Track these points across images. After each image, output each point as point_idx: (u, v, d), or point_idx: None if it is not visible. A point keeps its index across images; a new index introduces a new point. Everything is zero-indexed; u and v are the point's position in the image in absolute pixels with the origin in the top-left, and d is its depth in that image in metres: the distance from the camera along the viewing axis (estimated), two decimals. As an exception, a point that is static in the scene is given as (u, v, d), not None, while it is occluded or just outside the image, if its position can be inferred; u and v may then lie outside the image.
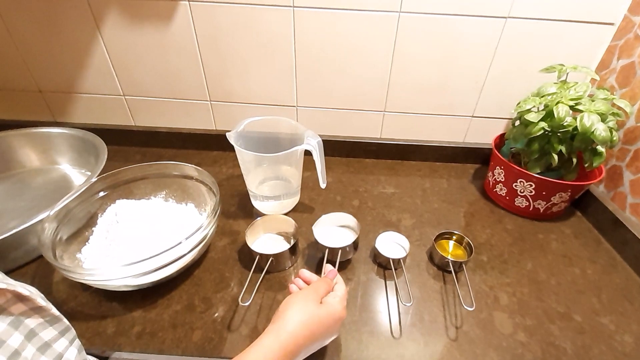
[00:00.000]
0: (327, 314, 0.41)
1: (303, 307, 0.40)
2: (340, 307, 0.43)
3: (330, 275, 0.47)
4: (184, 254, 0.52)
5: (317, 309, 0.40)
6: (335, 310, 0.42)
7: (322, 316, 0.40)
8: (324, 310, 0.41)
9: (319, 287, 0.44)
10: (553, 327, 0.52)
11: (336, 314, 0.42)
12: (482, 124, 0.85)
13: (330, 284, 0.46)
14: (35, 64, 0.81)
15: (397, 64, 0.76)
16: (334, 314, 0.41)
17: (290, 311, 0.40)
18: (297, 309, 0.40)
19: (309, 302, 0.41)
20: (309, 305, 0.40)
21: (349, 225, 0.63)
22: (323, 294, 0.43)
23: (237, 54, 0.76)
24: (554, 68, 0.67)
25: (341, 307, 0.43)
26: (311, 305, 0.40)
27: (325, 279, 0.46)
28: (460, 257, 0.61)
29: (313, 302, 0.41)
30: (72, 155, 0.78)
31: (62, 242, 0.54)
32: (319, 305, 0.41)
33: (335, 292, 0.45)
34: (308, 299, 0.41)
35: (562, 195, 0.67)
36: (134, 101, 0.86)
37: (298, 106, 0.84)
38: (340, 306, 0.43)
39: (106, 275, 0.46)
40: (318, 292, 0.43)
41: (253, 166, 0.66)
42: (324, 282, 0.45)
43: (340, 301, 0.43)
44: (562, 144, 0.63)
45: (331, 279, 0.47)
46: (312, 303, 0.41)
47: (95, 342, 0.48)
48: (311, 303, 0.41)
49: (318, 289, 0.43)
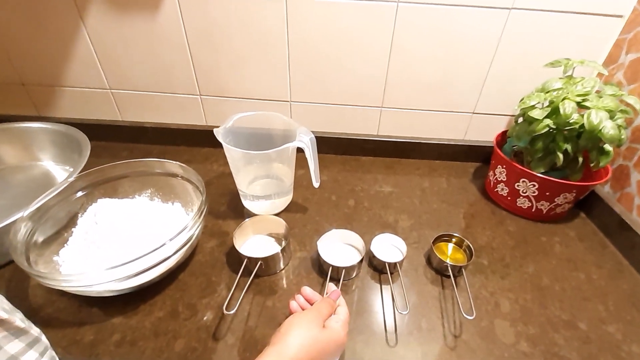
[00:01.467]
0: (329, 340, 0.38)
1: (306, 331, 0.38)
2: (343, 333, 0.40)
3: (333, 296, 0.44)
4: (168, 257, 0.49)
5: (320, 334, 0.38)
6: (339, 337, 0.39)
7: (324, 342, 0.38)
8: (327, 335, 0.39)
9: (322, 309, 0.41)
10: (557, 337, 0.49)
11: (339, 340, 0.39)
12: (483, 121, 0.81)
13: (333, 306, 0.43)
14: (18, 55, 0.77)
15: (395, 57, 0.72)
16: (337, 340, 0.39)
17: (292, 334, 0.37)
18: (300, 332, 0.37)
19: (312, 325, 0.38)
20: (312, 329, 0.38)
21: (354, 244, 0.60)
22: (326, 316, 0.41)
23: (228, 46, 0.73)
24: (559, 62, 0.64)
25: (344, 332, 0.41)
26: (314, 329, 0.38)
27: (329, 300, 0.43)
28: (459, 260, 0.58)
29: (316, 325, 0.39)
30: (55, 151, 0.75)
31: (38, 244, 0.51)
32: (322, 330, 0.39)
33: (338, 316, 0.42)
34: (312, 321, 0.39)
35: (567, 196, 0.64)
36: (121, 95, 0.82)
37: (292, 101, 0.81)
38: (343, 332, 0.40)
39: (81, 282, 0.43)
40: (321, 315, 0.40)
41: (243, 164, 0.62)
42: (327, 304, 0.42)
43: (343, 326, 0.41)
44: (568, 143, 0.60)
45: (334, 300, 0.44)
46: (315, 327, 0.38)
47: (72, 351, 0.45)
48: (314, 327, 0.38)
49: (321, 310, 0.41)
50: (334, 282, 0.52)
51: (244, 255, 0.53)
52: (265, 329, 0.48)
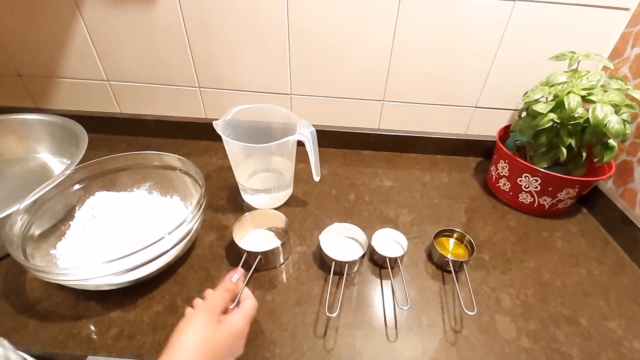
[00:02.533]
0: (226, 335, 0.37)
1: (200, 331, 0.35)
2: (242, 324, 0.38)
3: (228, 277, 0.42)
4: (166, 251, 0.48)
5: (214, 332, 0.36)
6: (236, 328, 0.38)
7: (220, 338, 0.36)
8: (223, 331, 0.37)
9: (215, 302, 0.39)
10: (558, 332, 0.49)
11: (236, 331, 0.38)
12: (485, 115, 0.80)
13: (233, 290, 0.41)
14: (14, 46, 0.76)
15: (397, 50, 0.71)
16: (233, 331, 0.37)
17: (184, 336, 0.35)
18: (192, 334, 0.35)
19: (204, 325, 0.36)
20: (205, 329, 0.36)
21: (356, 237, 0.59)
22: (221, 307, 0.39)
23: (227, 37, 0.72)
24: (564, 56, 0.63)
25: (243, 323, 0.39)
26: (208, 329, 0.36)
27: (227, 286, 0.41)
28: (460, 256, 0.57)
29: (210, 323, 0.36)
30: (52, 143, 0.74)
31: (35, 237, 0.50)
32: (216, 327, 0.36)
33: (239, 309, 0.40)
34: (204, 320, 0.36)
35: (569, 192, 0.63)
36: (119, 87, 0.81)
37: (292, 94, 0.80)
38: (242, 323, 0.39)
39: (78, 275, 0.42)
40: (214, 309, 0.38)
41: (242, 158, 0.62)
42: (223, 292, 0.40)
43: (242, 318, 0.39)
44: (572, 137, 0.59)
45: (234, 284, 0.42)
46: (208, 325, 0.36)
47: (69, 345, 0.44)
48: (207, 326, 0.36)
49: (214, 304, 0.38)
50: (337, 276, 0.52)
51: (243, 249, 0.52)
52: (265, 323, 0.48)
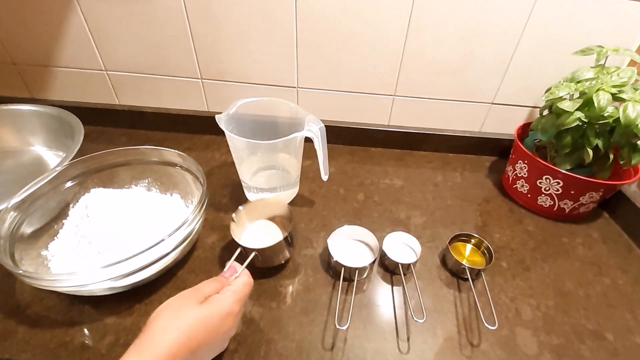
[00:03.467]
0: (209, 314, 0.33)
1: (176, 311, 0.32)
2: (229, 301, 0.35)
3: (226, 274, 0.39)
4: (166, 254, 0.45)
5: (194, 311, 0.32)
6: (222, 306, 0.34)
7: (202, 317, 0.32)
8: (205, 310, 0.33)
9: (203, 287, 0.36)
10: (583, 348, 0.45)
11: (222, 309, 0.34)
12: (502, 112, 0.76)
13: (223, 283, 0.38)
14: (7, 32, 0.72)
15: (411, 40, 0.67)
16: (219, 310, 0.34)
17: (159, 319, 0.31)
18: (168, 315, 0.32)
19: (184, 304, 0.33)
20: (185, 308, 0.32)
21: (365, 241, 0.56)
22: (206, 291, 0.35)
23: (231, 26, 0.68)
24: (591, 50, 0.59)
25: (230, 300, 0.35)
26: (188, 308, 0.32)
27: (218, 278, 0.38)
28: (477, 263, 0.54)
29: (190, 303, 0.33)
30: (47, 135, 0.70)
31: (25, 237, 0.47)
32: (198, 306, 0.33)
33: (228, 287, 0.37)
34: (183, 301, 0.33)
35: (593, 195, 0.60)
36: (117, 77, 0.77)
37: (299, 87, 0.76)
38: (229, 300, 0.35)
39: (71, 282, 0.39)
40: (199, 292, 0.35)
41: (246, 154, 0.58)
42: (213, 282, 0.37)
43: (232, 294, 0.36)
44: (599, 138, 0.55)
45: (226, 278, 0.39)
46: (189, 305, 0.33)
47: (60, 354, 0.42)
48: (188, 305, 0.33)
49: (201, 289, 0.35)
50: (345, 282, 0.49)
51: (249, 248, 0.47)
52: (270, 333, 0.45)
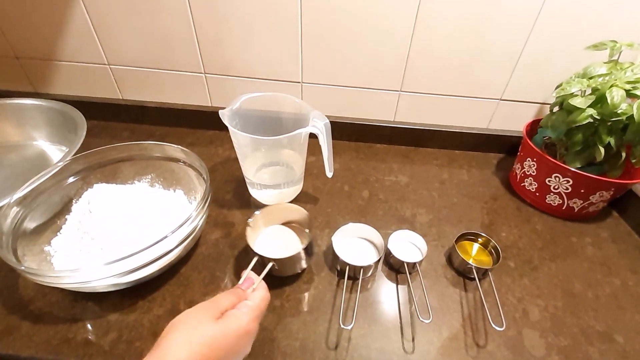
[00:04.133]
0: (226, 332, 0.31)
1: (191, 328, 0.30)
2: (245, 318, 0.33)
3: (243, 286, 0.38)
4: (169, 251, 0.44)
5: (211, 328, 0.31)
6: (239, 325, 0.32)
7: (218, 335, 0.31)
8: (222, 327, 0.31)
9: (220, 300, 0.34)
10: (592, 350, 0.45)
11: (240, 328, 0.32)
12: (510, 108, 0.75)
13: (241, 296, 0.36)
14: (10, 26, 0.72)
15: (419, 34, 0.66)
16: (237, 329, 0.32)
17: (173, 334, 0.30)
18: (183, 331, 0.30)
19: (200, 319, 0.31)
20: (201, 325, 0.31)
21: (370, 239, 0.55)
22: (223, 306, 0.34)
23: (234, 20, 0.66)
24: (604, 45, 0.57)
25: (247, 318, 0.33)
26: (204, 325, 0.31)
27: (235, 291, 0.36)
28: (484, 263, 0.53)
29: (206, 319, 0.31)
30: (50, 130, 0.70)
31: (27, 233, 0.47)
32: (214, 323, 0.31)
33: (245, 302, 0.35)
34: (200, 316, 0.32)
35: (603, 194, 0.58)
36: (120, 71, 0.76)
37: (303, 82, 0.75)
38: (246, 317, 0.33)
39: (73, 279, 0.39)
40: (216, 306, 0.33)
41: (250, 150, 0.57)
42: (231, 295, 0.35)
43: (249, 311, 0.34)
44: (611, 135, 0.54)
45: (243, 290, 0.37)
46: (204, 321, 0.31)
47: (63, 351, 0.41)
48: (204, 321, 0.31)
49: (218, 302, 0.34)
50: (351, 281, 0.48)
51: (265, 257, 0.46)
52: (274, 331, 0.44)
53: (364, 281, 0.51)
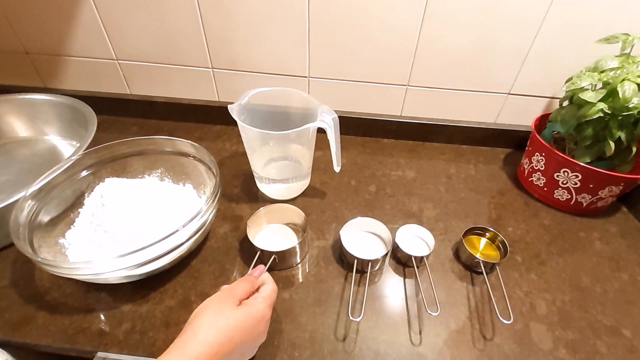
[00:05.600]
0: (245, 317, 0.35)
1: (217, 313, 0.34)
2: (261, 306, 0.37)
3: (255, 274, 0.42)
4: (180, 244, 0.45)
5: (233, 313, 0.35)
6: (257, 310, 0.37)
7: (240, 319, 0.35)
8: (242, 312, 0.35)
9: (237, 288, 0.38)
10: (599, 344, 0.45)
11: (257, 313, 0.36)
12: (518, 102, 0.74)
13: (254, 283, 0.40)
14: (20, 22, 0.72)
15: (427, 28, 0.65)
16: (255, 314, 0.36)
17: (201, 318, 0.34)
18: (209, 315, 0.34)
19: (223, 305, 0.35)
20: (224, 309, 0.35)
21: (378, 233, 0.56)
22: (242, 295, 0.38)
23: (242, 15, 0.66)
24: (616, 38, 0.57)
25: (263, 305, 0.38)
26: (227, 311, 0.35)
27: (248, 278, 0.40)
28: (491, 257, 0.53)
29: (228, 305, 0.36)
30: (61, 125, 0.71)
31: (42, 225, 0.48)
32: (235, 309, 0.36)
33: (258, 293, 0.40)
34: (223, 302, 0.36)
35: (612, 189, 0.58)
36: (129, 66, 0.77)
37: (310, 77, 0.75)
38: (262, 305, 0.37)
39: (88, 270, 0.40)
40: (235, 294, 0.37)
41: (258, 145, 0.58)
42: (245, 282, 0.39)
43: (263, 300, 0.38)
44: (622, 130, 0.53)
45: (255, 277, 0.41)
46: (227, 307, 0.35)
47: (79, 340, 0.43)
48: (227, 306, 0.35)
49: (235, 289, 0.38)
50: (359, 274, 0.49)
51: (257, 247, 0.49)
52: (283, 323, 0.45)
53: (372, 274, 0.51)
